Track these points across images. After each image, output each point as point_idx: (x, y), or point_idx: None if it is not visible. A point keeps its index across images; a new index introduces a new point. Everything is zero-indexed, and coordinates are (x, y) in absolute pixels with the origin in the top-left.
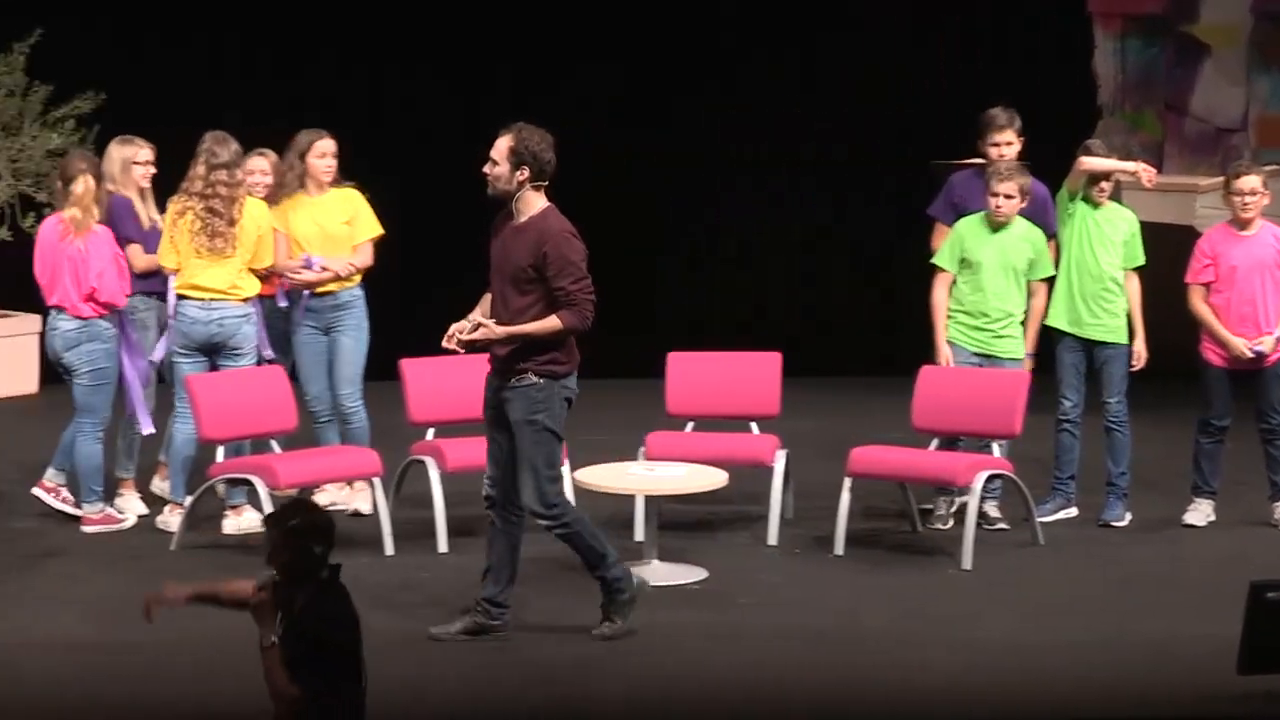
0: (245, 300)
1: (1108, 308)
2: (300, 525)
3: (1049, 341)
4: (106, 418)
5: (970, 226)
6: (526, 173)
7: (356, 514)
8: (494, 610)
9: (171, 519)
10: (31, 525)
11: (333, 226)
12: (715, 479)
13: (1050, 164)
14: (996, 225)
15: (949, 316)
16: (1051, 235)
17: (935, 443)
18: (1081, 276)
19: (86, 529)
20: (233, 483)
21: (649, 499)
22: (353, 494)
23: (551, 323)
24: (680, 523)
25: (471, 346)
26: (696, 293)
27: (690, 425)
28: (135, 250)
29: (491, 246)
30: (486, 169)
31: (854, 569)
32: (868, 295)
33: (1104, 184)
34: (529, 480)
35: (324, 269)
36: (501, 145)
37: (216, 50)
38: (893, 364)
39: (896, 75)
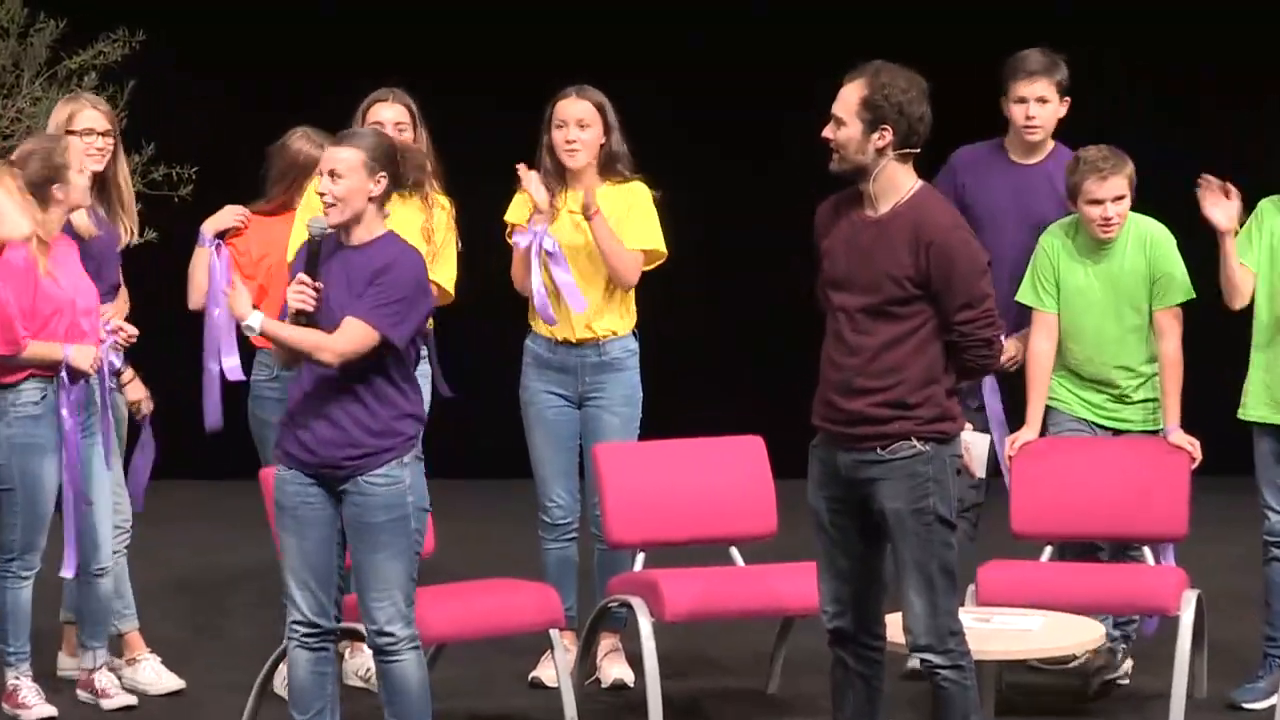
0: None
1: None
2: None
3: None
4: None
5: None
6: (889, 135)
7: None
8: None
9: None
10: None
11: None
12: (1087, 635)
13: None
14: None
15: None
16: None
17: None
18: None
19: None
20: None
21: (984, 665)
22: (607, 660)
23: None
24: (1030, 701)
25: None
26: None
27: (1047, 552)
28: None
29: (827, 249)
30: (828, 131)
31: None
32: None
33: None
34: (920, 597)
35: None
36: (849, 97)
37: None
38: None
39: None
